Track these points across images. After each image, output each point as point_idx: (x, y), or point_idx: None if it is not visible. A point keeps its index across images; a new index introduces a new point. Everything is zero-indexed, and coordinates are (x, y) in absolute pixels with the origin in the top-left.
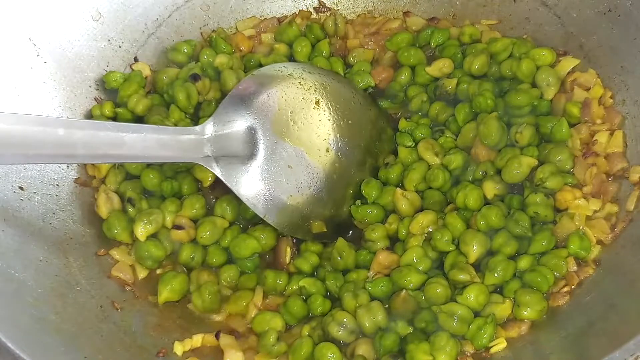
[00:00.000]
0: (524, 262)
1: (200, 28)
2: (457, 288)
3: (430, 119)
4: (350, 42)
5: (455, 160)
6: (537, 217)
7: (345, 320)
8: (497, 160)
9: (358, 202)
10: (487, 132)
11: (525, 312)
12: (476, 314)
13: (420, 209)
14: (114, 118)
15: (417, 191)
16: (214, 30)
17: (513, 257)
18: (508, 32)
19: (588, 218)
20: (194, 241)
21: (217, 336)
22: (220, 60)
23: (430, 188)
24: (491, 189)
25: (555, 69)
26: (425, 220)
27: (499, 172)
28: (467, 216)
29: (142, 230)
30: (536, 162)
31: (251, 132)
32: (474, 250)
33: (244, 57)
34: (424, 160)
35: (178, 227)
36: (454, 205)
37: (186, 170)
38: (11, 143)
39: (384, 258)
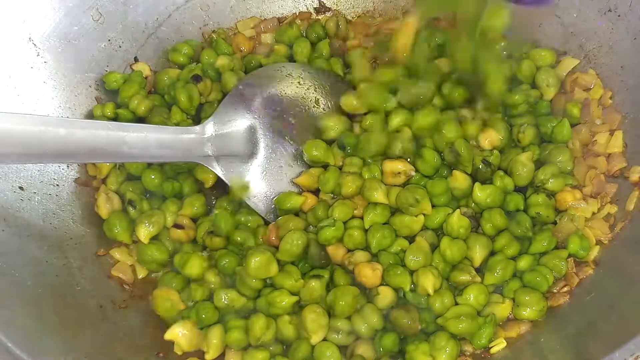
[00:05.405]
0: (523, 262)
1: (200, 28)
2: (457, 289)
3: None
4: (350, 42)
5: None
6: (539, 218)
7: (339, 324)
8: (501, 161)
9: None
10: None
11: (525, 312)
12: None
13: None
14: (115, 119)
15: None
16: (214, 30)
17: (513, 257)
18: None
19: (587, 219)
20: (194, 241)
21: None
22: (221, 62)
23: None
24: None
25: (555, 69)
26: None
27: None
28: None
29: (145, 233)
30: (533, 155)
31: (251, 132)
32: (477, 254)
33: (244, 58)
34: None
35: (178, 227)
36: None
37: (187, 170)
38: (12, 143)
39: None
